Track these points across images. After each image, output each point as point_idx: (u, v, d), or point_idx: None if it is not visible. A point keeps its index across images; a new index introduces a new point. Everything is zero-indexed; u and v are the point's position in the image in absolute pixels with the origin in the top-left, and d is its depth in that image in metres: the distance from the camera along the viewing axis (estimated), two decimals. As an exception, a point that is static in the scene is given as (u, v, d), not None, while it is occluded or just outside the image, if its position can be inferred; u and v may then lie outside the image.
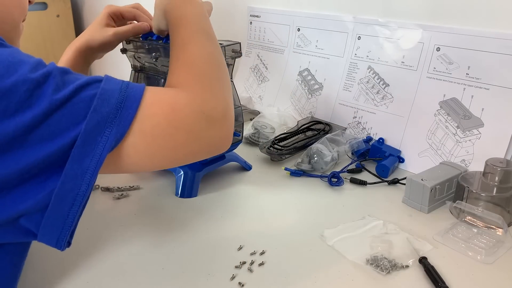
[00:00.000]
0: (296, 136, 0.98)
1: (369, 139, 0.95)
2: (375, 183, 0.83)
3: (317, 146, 0.88)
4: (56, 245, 0.44)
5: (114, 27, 0.80)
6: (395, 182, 0.82)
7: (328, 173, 0.84)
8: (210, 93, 0.52)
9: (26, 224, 0.43)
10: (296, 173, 0.86)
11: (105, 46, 0.80)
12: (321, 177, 0.85)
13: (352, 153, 0.92)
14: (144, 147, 0.47)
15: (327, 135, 0.92)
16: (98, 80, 0.46)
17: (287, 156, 0.92)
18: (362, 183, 0.82)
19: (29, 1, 0.60)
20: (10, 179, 0.41)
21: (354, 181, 0.83)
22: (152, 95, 0.48)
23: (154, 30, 0.73)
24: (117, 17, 0.82)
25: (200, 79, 0.53)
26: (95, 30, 0.80)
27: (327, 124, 1.01)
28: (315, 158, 0.87)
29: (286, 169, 0.86)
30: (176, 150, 0.49)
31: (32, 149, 0.41)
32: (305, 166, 0.86)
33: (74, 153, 0.42)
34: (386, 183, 0.83)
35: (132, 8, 0.83)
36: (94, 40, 0.79)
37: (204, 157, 0.54)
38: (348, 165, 0.88)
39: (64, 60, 0.80)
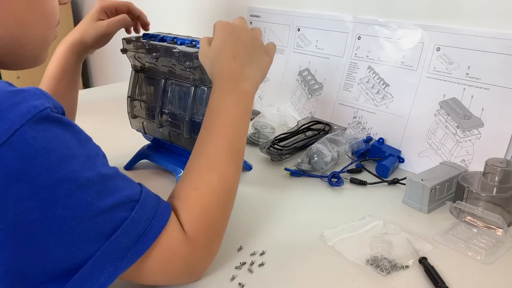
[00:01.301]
0: (296, 136, 0.98)
1: (369, 139, 0.95)
2: (375, 183, 0.83)
3: (317, 146, 0.88)
4: None
5: None
6: (395, 182, 0.82)
7: (328, 173, 0.84)
8: (208, 252, 0.55)
9: None
10: (296, 173, 0.86)
11: (100, 41, 0.80)
12: (321, 177, 0.85)
13: (352, 153, 0.92)
14: (128, 276, 0.48)
15: (327, 135, 0.92)
16: (135, 200, 0.47)
17: (287, 156, 0.92)
18: (362, 183, 0.82)
19: (61, 2, 0.57)
20: (18, 270, 0.40)
21: (354, 181, 0.83)
22: (166, 238, 0.49)
23: None
24: (111, 12, 0.82)
25: (208, 232, 0.54)
26: (89, 25, 0.79)
27: (327, 124, 1.01)
28: (315, 158, 0.87)
29: (286, 169, 0.86)
30: (152, 282, 0.53)
31: (48, 249, 0.40)
32: (305, 166, 0.86)
33: (81, 274, 0.42)
34: (386, 183, 0.83)
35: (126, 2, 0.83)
36: (88, 34, 0.78)
37: None
38: (348, 165, 0.88)
39: (56, 59, 0.78)
